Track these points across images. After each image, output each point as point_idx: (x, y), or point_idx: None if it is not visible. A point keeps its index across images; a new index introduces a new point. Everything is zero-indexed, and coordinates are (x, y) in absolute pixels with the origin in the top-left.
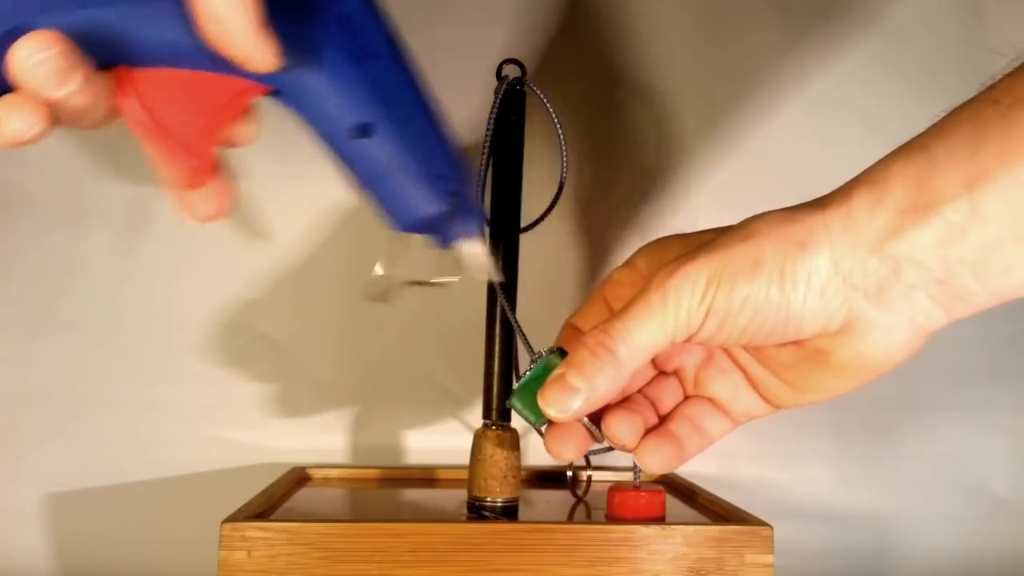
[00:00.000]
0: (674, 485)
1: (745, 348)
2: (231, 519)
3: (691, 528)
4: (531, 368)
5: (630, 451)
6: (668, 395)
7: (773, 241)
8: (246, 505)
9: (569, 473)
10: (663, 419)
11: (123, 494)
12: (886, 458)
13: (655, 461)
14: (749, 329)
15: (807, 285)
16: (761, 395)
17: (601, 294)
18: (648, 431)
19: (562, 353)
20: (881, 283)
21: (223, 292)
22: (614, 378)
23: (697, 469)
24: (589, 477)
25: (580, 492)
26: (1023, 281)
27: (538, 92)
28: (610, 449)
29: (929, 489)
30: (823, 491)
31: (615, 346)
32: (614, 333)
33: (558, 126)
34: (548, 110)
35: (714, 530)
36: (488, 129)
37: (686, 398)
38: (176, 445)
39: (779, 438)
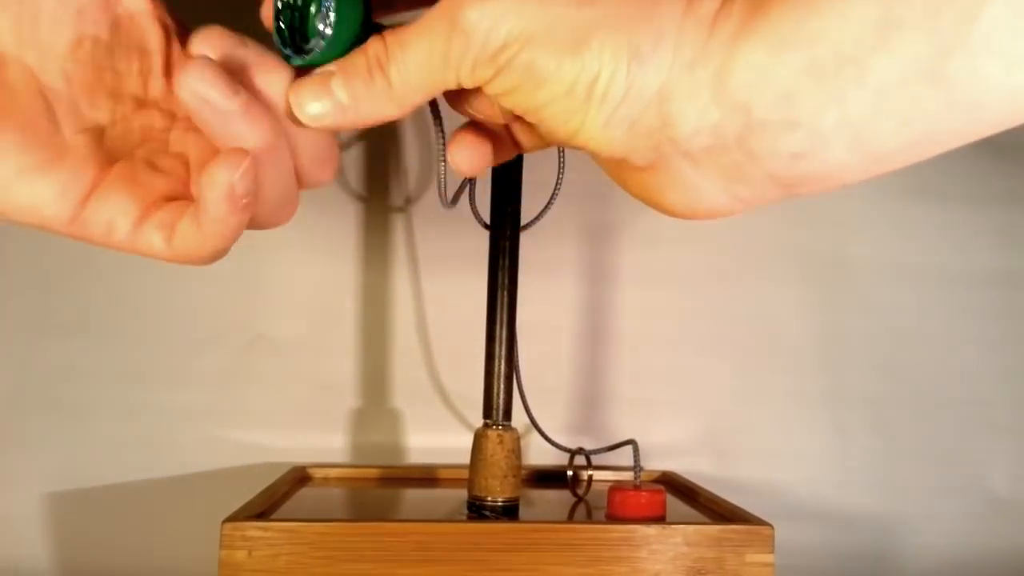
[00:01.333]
0: (674, 485)
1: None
2: (232, 519)
3: (691, 528)
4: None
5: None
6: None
7: (610, 28)
8: (247, 505)
9: (569, 473)
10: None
11: (123, 494)
12: (886, 458)
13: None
14: (536, 112)
15: (616, 108)
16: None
17: None
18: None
19: (371, 28)
20: (712, 148)
21: (223, 292)
22: (381, 107)
23: (697, 469)
24: (589, 477)
25: (580, 492)
26: (915, 139)
27: None
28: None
29: (929, 489)
30: (823, 491)
31: (389, 69)
32: (391, 51)
33: None
34: None
35: (714, 530)
36: None
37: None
38: (176, 445)
39: (779, 438)
